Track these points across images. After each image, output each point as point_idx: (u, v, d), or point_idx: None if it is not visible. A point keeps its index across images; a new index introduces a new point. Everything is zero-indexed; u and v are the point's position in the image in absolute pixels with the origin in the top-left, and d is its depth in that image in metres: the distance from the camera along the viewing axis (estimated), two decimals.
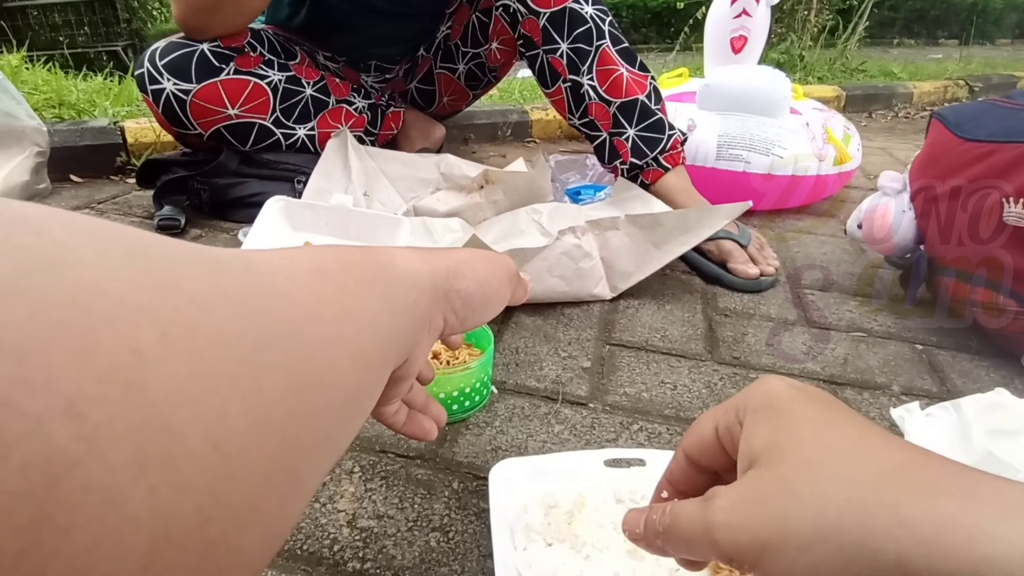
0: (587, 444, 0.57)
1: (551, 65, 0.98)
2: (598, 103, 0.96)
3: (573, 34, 0.95)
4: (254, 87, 1.00)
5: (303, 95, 1.05)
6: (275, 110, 1.03)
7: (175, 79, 0.94)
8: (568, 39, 0.95)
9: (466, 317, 0.32)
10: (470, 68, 1.23)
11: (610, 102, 0.95)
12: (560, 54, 0.96)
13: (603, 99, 0.95)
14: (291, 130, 1.05)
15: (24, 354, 0.11)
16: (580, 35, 0.95)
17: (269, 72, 1.02)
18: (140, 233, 0.15)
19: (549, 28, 0.96)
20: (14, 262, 0.12)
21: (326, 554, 0.45)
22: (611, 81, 0.95)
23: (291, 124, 1.05)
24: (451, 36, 1.19)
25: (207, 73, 0.96)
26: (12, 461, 0.10)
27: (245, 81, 0.98)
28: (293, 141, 1.06)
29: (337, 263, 0.23)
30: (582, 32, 0.95)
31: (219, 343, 0.15)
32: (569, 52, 0.95)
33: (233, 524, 0.14)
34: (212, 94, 0.96)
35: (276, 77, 1.02)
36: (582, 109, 0.97)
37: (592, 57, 0.95)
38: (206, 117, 0.98)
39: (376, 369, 0.24)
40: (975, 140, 0.71)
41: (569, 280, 0.80)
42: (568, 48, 0.95)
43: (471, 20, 1.14)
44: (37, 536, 0.10)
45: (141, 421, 0.12)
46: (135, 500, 0.11)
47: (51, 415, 0.11)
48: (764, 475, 0.23)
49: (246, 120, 1.01)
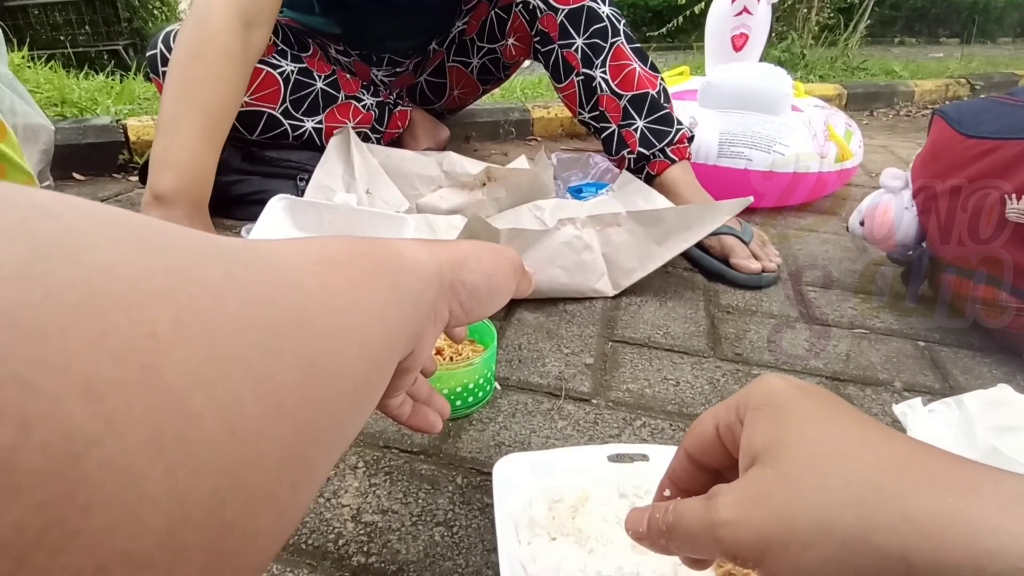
0: (590, 440, 0.58)
1: (565, 59, 0.99)
2: (609, 95, 0.97)
3: (590, 30, 0.97)
4: (266, 76, 1.00)
5: (314, 88, 1.06)
6: (285, 100, 1.03)
7: None
8: (584, 35, 0.97)
9: (471, 309, 0.33)
10: (484, 63, 1.24)
11: (621, 95, 0.97)
12: (575, 48, 0.98)
13: (614, 92, 0.97)
14: (299, 122, 1.06)
15: (42, 336, 0.11)
16: (596, 31, 0.97)
17: (282, 62, 1.02)
18: (151, 221, 0.15)
19: (567, 24, 0.98)
20: (30, 246, 0.12)
21: (331, 548, 0.45)
22: (624, 75, 0.96)
23: (299, 116, 1.05)
24: (467, 31, 1.20)
25: None
26: (33, 439, 0.10)
27: (257, 69, 0.99)
28: (300, 133, 1.07)
29: (345, 254, 0.23)
30: (598, 28, 0.97)
31: (231, 329, 0.15)
32: (584, 47, 0.97)
33: (248, 507, 0.14)
34: None
35: (289, 68, 1.03)
36: (593, 101, 0.99)
37: (607, 52, 0.97)
38: None
39: (383, 359, 0.24)
40: (977, 137, 0.71)
41: (571, 272, 0.80)
42: (583, 43, 0.97)
43: (489, 16, 1.15)
44: (59, 513, 0.10)
45: (157, 403, 0.12)
46: (153, 481, 0.12)
47: (70, 395, 0.11)
48: (766, 472, 0.23)
49: (255, 108, 1.01)
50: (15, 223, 0.12)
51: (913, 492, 0.20)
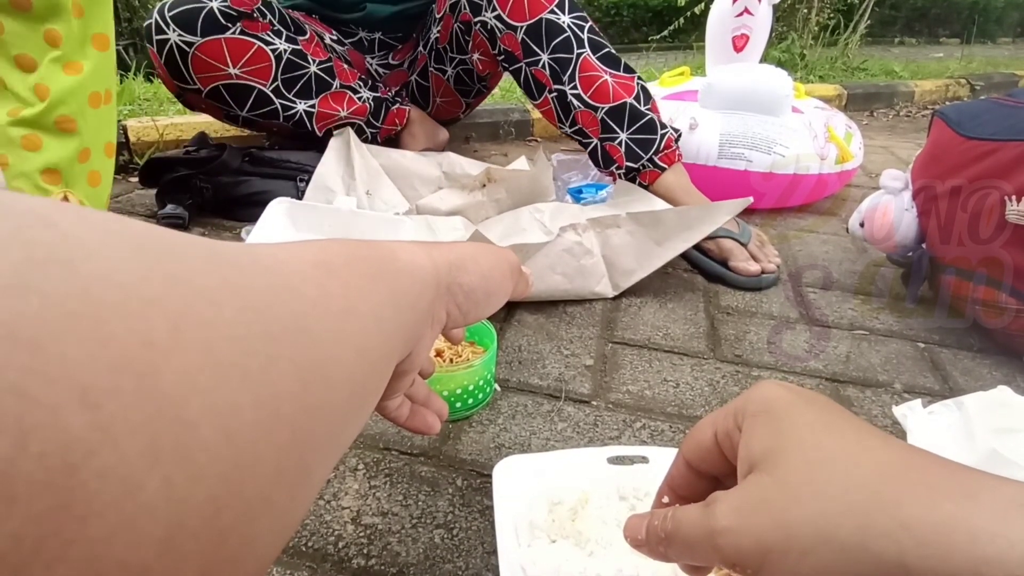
0: (590, 441, 0.58)
1: (535, 77, 0.98)
2: (584, 110, 0.95)
3: (552, 44, 0.94)
4: (257, 50, 1.01)
5: (307, 71, 1.06)
6: (276, 79, 1.04)
7: (180, 30, 0.96)
8: (548, 50, 0.95)
9: (469, 310, 0.33)
10: (458, 73, 1.23)
11: (596, 108, 0.94)
12: (542, 65, 0.96)
13: (589, 106, 0.94)
14: (291, 103, 1.06)
15: (39, 345, 0.11)
16: (559, 45, 0.94)
17: (275, 40, 1.03)
18: (148, 227, 0.15)
19: (528, 41, 0.96)
20: (26, 255, 0.12)
21: (331, 551, 0.45)
22: (596, 88, 0.94)
23: (291, 97, 1.06)
24: (440, 39, 1.20)
25: (213, 29, 0.97)
26: (30, 449, 0.10)
27: (249, 43, 1.00)
28: (292, 114, 1.07)
29: (342, 257, 0.23)
30: (560, 42, 0.94)
31: (228, 335, 0.15)
32: (550, 62, 0.95)
33: (245, 514, 0.14)
34: (215, 49, 0.98)
35: (282, 47, 1.03)
36: (571, 118, 0.97)
37: (573, 66, 0.94)
38: (206, 72, 1.00)
39: (381, 363, 0.24)
40: (977, 139, 0.71)
41: (571, 278, 0.80)
42: (549, 59, 0.95)
43: (454, 28, 1.14)
44: (56, 523, 0.10)
45: (154, 412, 0.12)
46: (150, 489, 0.12)
47: (67, 405, 0.11)
48: (764, 479, 0.23)
49: (246, 82, 1.02)
50: (12, 231, 0.12)
51: (911, 499, 0.20)
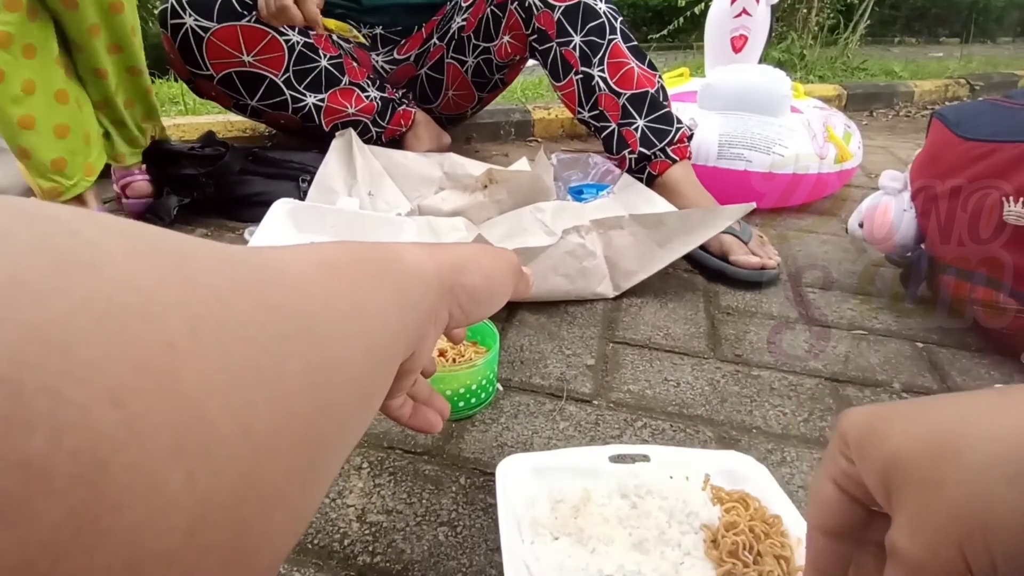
0: (592, 440, 0.58)
1: (564, 57, 1.00)
2: (608, 94, 0.98)
3: (587, 27, 0.97)
4: (272, 40, 1.02)
5: (318, 65, 1.08)
6: (288, 69, 1.05)
7: (196, 15, 0.98)
8: (581, 32, 0.98)
9: (471, 311, 0.33)
10: (478, 63, 1.25)
11: (620, 93, 0.97)
12: (573, 46, 0.98)
13: (613, 91, 0.97)
14: (301, 96, 1.08)
15: (68, 348, 0.11)
16: (593, 28, 0.97)
17: (288, 31, 1.04)
18: (162, 231, 0.16)
19: (563, 21, 0.99)
20: (54, 261, 0.12)
21: (336, 548, 0.46)
22: (622, 74, 0.97)
23: (302, 90, 1.07)
24: (465, 28, 1.21)
25: (229, 15, 0.99)
26: (64, 446, 0.11)
27: (264, 32, 1.01)
28: (301, 106, 1.08)
29: (347, 259, 0.24)
30: (595, 26, 0.97)
31: (242, 336, 0.15)
32: (582, 45, 0.98)
33: (263, 507, 0.15)
34: (230, 36, 0.99)
35: (295, 38, 1.05)
36: (592, 101, 0.99)
37: (604, 50, 0.97)
38: (220, 58, 1.01)
39: (386, 362, 0.25)
40: (975, 139, 0.71)
41: (573, 279, 0.81)
42: (581, 41, 0.98)
43: (485, 13, 1.16)
44: (92, 514, 0.11)
45: (176, 410, 0.13)
46: (174, 483, 0.12)
47: (96, 404, 0.11)
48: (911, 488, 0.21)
49: (258, 71, 1.04)
50: (40, 238, 0.13)
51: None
